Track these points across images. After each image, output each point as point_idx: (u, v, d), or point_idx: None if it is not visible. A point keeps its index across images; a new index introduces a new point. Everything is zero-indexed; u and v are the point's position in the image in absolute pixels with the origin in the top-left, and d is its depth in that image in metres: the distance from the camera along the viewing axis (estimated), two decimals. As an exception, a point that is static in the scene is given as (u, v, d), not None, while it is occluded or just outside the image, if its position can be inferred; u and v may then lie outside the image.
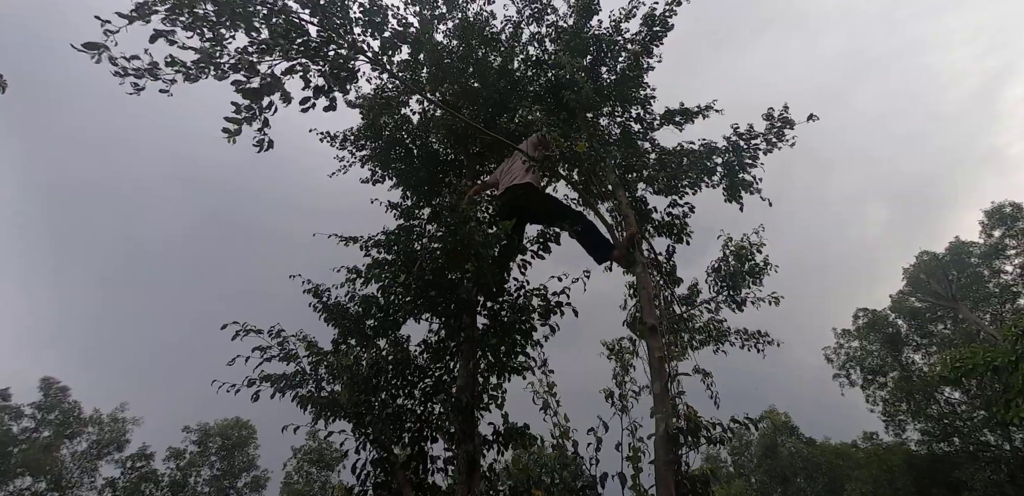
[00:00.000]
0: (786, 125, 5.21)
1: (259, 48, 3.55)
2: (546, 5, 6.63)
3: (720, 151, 5.32)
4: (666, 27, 6.18)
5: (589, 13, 6.39)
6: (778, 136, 5.22)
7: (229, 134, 3.47)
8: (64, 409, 24.20)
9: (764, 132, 5.27)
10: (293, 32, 3.61)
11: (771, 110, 5.28)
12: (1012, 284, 21.27)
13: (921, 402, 19.75)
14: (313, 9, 3.72)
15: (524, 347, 4.56)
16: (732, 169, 5.22)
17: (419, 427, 4.53)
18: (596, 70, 6.39)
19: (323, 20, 3.74)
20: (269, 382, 4.79)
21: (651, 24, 6.21)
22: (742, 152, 5.24)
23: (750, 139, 5.29)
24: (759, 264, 5.40)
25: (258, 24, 3.57)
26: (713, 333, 5.46)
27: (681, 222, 5.45)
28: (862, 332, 22.64)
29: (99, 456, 24.09)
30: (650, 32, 6.22)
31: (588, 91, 5.36)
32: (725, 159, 5.26)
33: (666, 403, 3.14)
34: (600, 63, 6.40)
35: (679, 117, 6.08)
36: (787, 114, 5.25)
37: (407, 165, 6.73)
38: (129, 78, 3.36)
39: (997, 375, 11.63)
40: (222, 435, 25.23)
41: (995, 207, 22.26)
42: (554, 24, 6.60)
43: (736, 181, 5.21)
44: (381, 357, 4.96)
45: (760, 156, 5.24)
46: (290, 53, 3.64)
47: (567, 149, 4.17)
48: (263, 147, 3.75)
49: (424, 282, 4.59)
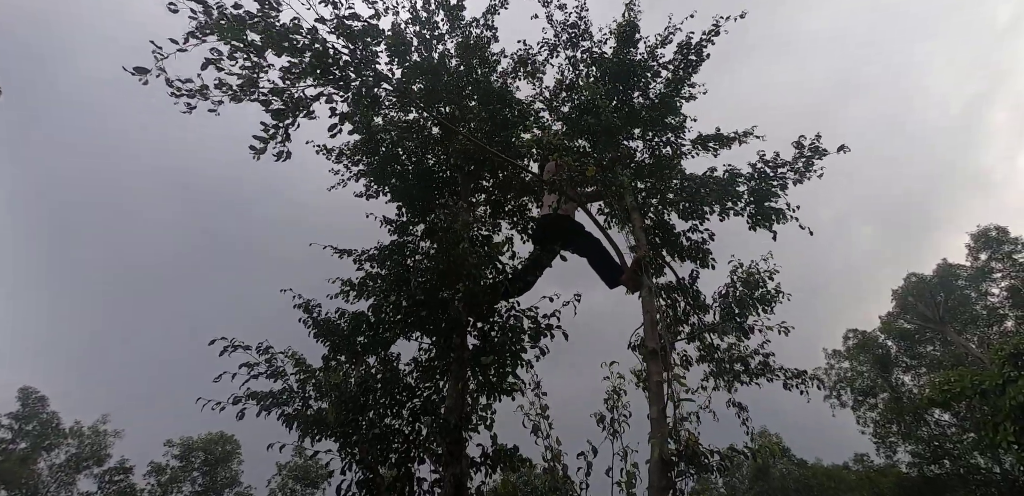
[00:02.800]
0: (815, 155, 4.92)
1: (294, 75, 3.83)
2: (583, 31, 6.70)
3: (745, 178, 5.11)
4: (700, 56, 6.13)
5: (630, 41, 6.40)
6: (807, 166, 4.95)
7: (255, 151, 3.81)
8: (42, 420, 23.67)
9: (792, 161, 5.00)
10: (328, 59, 3.85)
11: (802, 138, 4.96)
12: (998, 307, 21.48)
13: (911, 424, 19.74)
14: (348, 38, 3.96)
15: (514, 368, 4.54)
16: (759, 196, 5.00)
17: (406, 448, 4.47)
18: (628, 95, 6.37)
19: (354, 50, 3.96)
20: (255, 400, 4.72)
21: (686, 52, 6.17)
22: (769, 180, 5.02)
23: (777, 167, 5.05)
24: (770, 292, 5.28)
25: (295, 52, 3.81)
26: (754, 368, 5.27)
27: (701, 247, 5.40)
28: (852, 353, 22.71)
29: (78, 469, 23.50)
30: (685, 60, 6.19)
31: (609, 116, 5.35)
32: (750, 186, 5.05)
33: (663, 428, 3.12)
34: (634, 88, 6.38)
35: (712, 142, 5.98)
36: (818, 143, 4.91)
37: (402, 181, 6.74)
38: (183, 99, 3.75)
39: (985, 399, 11.69)
40: (205, 450, 24.71)
41: (981, 230, 22.59)
42: (589, 50, 6.64)
43: (764, 209, 5.01)
44: (370, 375, 4.92)
45: (789, 185, 4.98)
46: (320, 80, 3.91)
47: (577, 172, 4.20)
48: (281, 158, 3.99)
49: (415, 301, 4.58)
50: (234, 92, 3.77)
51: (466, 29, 6.82)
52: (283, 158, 3.98)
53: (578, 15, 6.73)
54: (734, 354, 5.31)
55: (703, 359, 5.41)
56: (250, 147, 3.77)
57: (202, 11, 3.58)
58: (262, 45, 3.68)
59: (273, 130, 3.81)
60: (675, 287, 5.38)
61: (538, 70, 7.01)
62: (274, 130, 3.81)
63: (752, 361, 5.29)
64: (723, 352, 5.34)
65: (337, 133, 4.17)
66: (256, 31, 3.64)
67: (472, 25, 6.83)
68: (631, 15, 6.54)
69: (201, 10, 3.58)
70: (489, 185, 6.92)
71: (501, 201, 6.97)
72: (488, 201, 6.96)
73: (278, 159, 3.98)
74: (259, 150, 3.79)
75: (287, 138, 3.91)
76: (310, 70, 3.81)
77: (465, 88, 6.72)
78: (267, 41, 3.66)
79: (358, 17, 4.12)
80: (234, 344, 4.88)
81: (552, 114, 6.94)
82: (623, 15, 6.58)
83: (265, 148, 3.80)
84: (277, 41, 3.66)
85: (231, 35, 3.59)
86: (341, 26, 3.98)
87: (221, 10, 3.62)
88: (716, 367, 5.31)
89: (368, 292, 5.38)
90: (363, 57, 4.03)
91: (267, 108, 3.78)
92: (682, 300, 5.43)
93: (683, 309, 5.39)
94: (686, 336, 5.24)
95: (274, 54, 3.76)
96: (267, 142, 3.80)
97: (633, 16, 6.54)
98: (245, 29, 3.63)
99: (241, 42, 3.64)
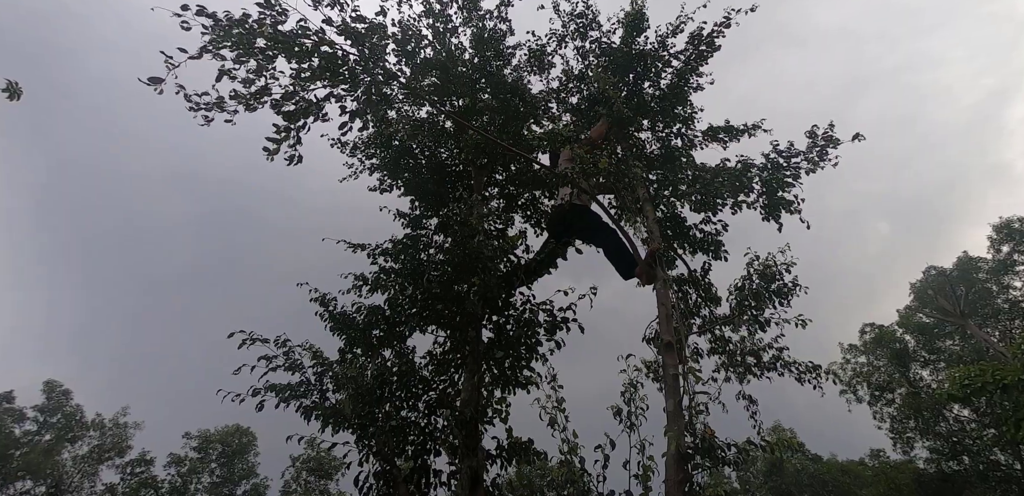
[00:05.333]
0: (829, 144, 4.91)
1: (304, 78, 3.88)
2: (591, 20, 6.64)
3: (758, 168, 5.08)
4: (712, 47, 6.05)
5: (639, 30, 6.33)
6: (821, 155, 4.94)
7: (269, 153, 3.87)
8: (66, 413, 24.20)
9: (806, 151, 4.98)
10: (337, 61, 3.89)
11: (815, 127, 4.98)
12: (1021, 300, 21.04)
13: (929, 419, 19.46)
14: (354, 39, 4.00)
15: (529, 361, 4.54)
16: (771, 187, 4.97)
17: (422, 440, 4.50)
18: (639, 85, 6.32)
19: (362, 50, 4.01)
20: (274, 392, 4.78)
21: (697, 43, 6.09)
22: (782, 170, 5.00)
23: (790, 157, 5.03)
24: (787, 284, 5.21)
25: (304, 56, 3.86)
26: (767, 362, 5.22)
27: (713, 239, 5.35)
28: (869, 347, 22.40)
29: (100, 461, 24.01)
30: (696, 51, 6.10)
31: (620, 107, 5.30)
32: (763, 177, 5.02)
33: (679, 421, 3.11)
34: (643, 78, 6.31)
35: (723, 134, 5.95)
36: (832, 133, 4.93)
37: (415, 175, 6.75)
38: (201, 112, 3.86)
39: (1007, 394, 11.49)
40: (222, 442, 25.11)
41: (1003, 222, 22.07)
42: (597, 40, 6.59)
43: (775, 200, 4.97)
44: (386, 368, 4.95)
45: (802, 175, 4.96)
46: (330, 82, 3.95)
47: (590, 164, 4.15)
48: (293, 161, 4.07)
49: (431, 295, 4.59)
50: (247, 101, 3.86)
51: (481, 20, 6.78)
52: (294, 162, 4.05)
53: (585, 4, 6.65)
54: (747, 347, 5.28)
55: (714, 351, 5.38)
56: (263, 148, 3.84)
57: (212, 26, 3.64)
58: (272, 53, 3.75)
59: (285, 132, 3.87)
60: (687, 279, 5.34)
61: (549, 62, 6.96)
62: (285, 132, 3.88)
63: (765, 354, 5.25)
64: (735, 344, 5.31)
65: (348, 131, 4.22)
66: (264, 38, 3.68)
67: (486, 17, 6.79)
68: (639, 4, 6.43)
69: (212, 25, 3.64)
70: (502, 178, 6.91)
71: (514, 194, 6.96)
72: (501, 194, 6.96)
73: (290, 163, 4.05)
74: (272, 151, 3.85)
75: (299, 141, 3.98)
76: (319, 73, 3.86)
77: (479, 80, 6.69)
78: (276, 46, 3.71)
79: (363, 19, 4.21)
80: (252, 337, 4.95)
81: (560, 106, 6.88)
82: (631, 4, 6.47)
83: (279, 149, 3.87)
84: (286, 47, 3.72)
85: (242, 46, 3.65)
86: (347, 29, 4.02)
87: (231, 20, 3.68)
88: (728, 359, 5.27)
89: (382, 286, 5.40)
90: (371, 56, 4.06)
91: (278, 110, 3.85)
92: (694, 292, 5.39)
93: (695, 301, 5.36)
94: (697, 328, 5.21)
95: (284, 58, 3.82)
96: (280, 143, 3.86)
97: (641, 4, 6.42)
98: (255, 38, 3.69)
99: (251, 50, 3.69)
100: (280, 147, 3.88)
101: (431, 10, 6.65)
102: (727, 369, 5.27)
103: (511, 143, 6.31)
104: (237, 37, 3.64)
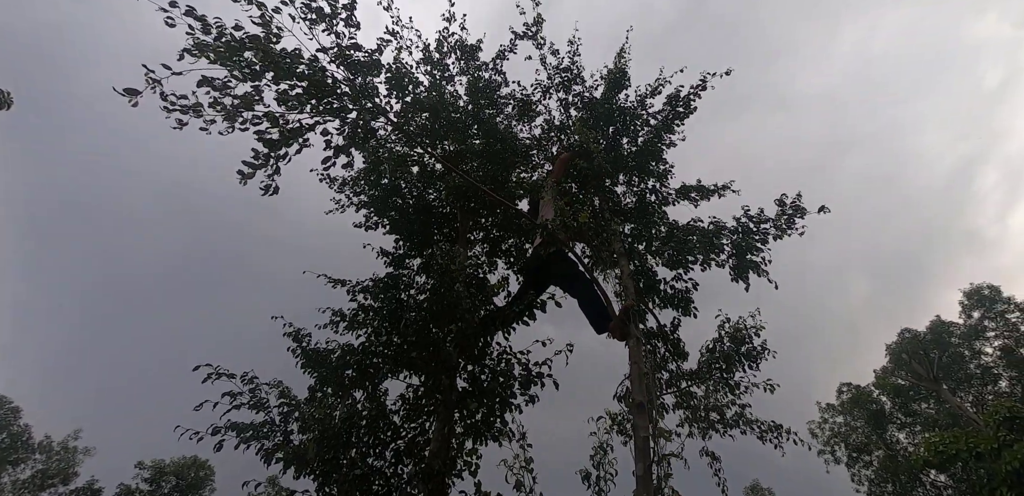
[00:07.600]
0: (797, 213, 5.16)
1: (291, 100, 3.78)
2: (576, 75, 6.92)
3: (729, 231, 5.28)
4: (688, 108, 6.34)
5: (620, 87, 6.64)
6: (789, 224, 5.18)
7: (243, 177, 3.70)
8: (13, 432, 22.89)
9: (775, 218, 5.22)
10: (325, 88, 3.82)
11: (784, 196, 5.21)
12: (992, 366, 21.26)
13: (907, 484, 19.17)
14: (348, 67, 3.98)
15: (503, 413, 4.46)
16: (740, 250, 5.16)
17: (387, 491, 4.33)
18: (617, 140, 6.55)
19: (353, 80, 3.98)
20: (235, 431, 4.60)
21: (674, 104, 6.39)
22: (752, 235, 5.20)
23: (760, 223, 5.26)
24: (756, 348, 5.26)
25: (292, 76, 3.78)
26: (730, 418, 5.18)
27: (683, 296, 5.41)
28: (846, 407, 22.28)
29: (42, 487, 22.53)
30: (673, 111, 6.40)
31: (601, 161, 5.46)
32: (733, 240, 5.22)
33: (648, 486, 3.04)
34: (622, 134, 6.56)
35: (695, 193, 6.14)
36: (799, 202, 5.17)
37: (402, 215, 6.79)
38: (175, 113, 3.60)
39: (981, 461, 11.45)
40: (177, 474, 23.78)
41: (974, 288, 22.62)
42: (580, 94, 6.85)
43: (745, 262, 5.15)
44: (355, 411, 4.81)
45: (769, 241, 5.19)
46: (316, 109, 3.87)
47: (570, 218, 4.22)
48: (269, 191, 3.94)
49: (406, 340, 4.53)
50: (228, 112, 3.67)
51: (477, 71, 7.02)
52: (270, 192, 3.90)
53: (571, 60, 6.95)
54: (710, 402, 5.28)
55: (679, 406, 5.36)
56: (238, 171, 3.66)
57: (200, 28, 3.54)
58: (259, 69, 3.63)
59: (263, 159, 3.73)
60: (655, 333, 5.37)
61: (535, 112, 7.14)
62: (263, 159, 3.73)
63: (728, 411, 5.25)
64: (699, 400, 5.30)
65: (331, 165, 4.14)
66: (253, 53, 3.60)
67: (482, 69, 7.03)
68: (622, 63, 6.75)
69: (200, 27, 3.54)
70: (487, 223, 6.98)
71: (498, 239, 7.01)
72: (486, 239, 7.01)
73: (265, 193, 3.89)
74: (247, 175, 3.68)
75: (277, 171, 3.84)
76: (307, 98, 3.75)
77: (471, 127, 6.86)
78: (264, 63, 3.61)
79: (360, 47, 4.09)
80: (218, 371, 4.80)
81: (541, 153, 7.05)
82: (614, 62, 6.80)
83: (254, 174, 3.71)
84: (275, 64, 3.61)
85: (226, 57, 3.54)
86: (342, 55, 3.95)
87: (221, 30, 3.57)
88: (692, 414, 5.25)
89: (359, 325, 5.32)
90: (362, 88, 4.00)
91: (259, 137, 3.71)
92: (662, 347, 5.40)
93: (662, 355, 5.36)
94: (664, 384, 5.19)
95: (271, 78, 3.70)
96: (256, 169, 3.72)
97: (623, 63, 6.75)
98: (243, 51, 3.58)
99: (236, 64, 3.57)
100: (256, 173, 3.71)
101: (430, 58, 6.90)
102: (691, 424, 5.23)
103: (493, 188, 6.40)
104: (225, 49, 3.53)
